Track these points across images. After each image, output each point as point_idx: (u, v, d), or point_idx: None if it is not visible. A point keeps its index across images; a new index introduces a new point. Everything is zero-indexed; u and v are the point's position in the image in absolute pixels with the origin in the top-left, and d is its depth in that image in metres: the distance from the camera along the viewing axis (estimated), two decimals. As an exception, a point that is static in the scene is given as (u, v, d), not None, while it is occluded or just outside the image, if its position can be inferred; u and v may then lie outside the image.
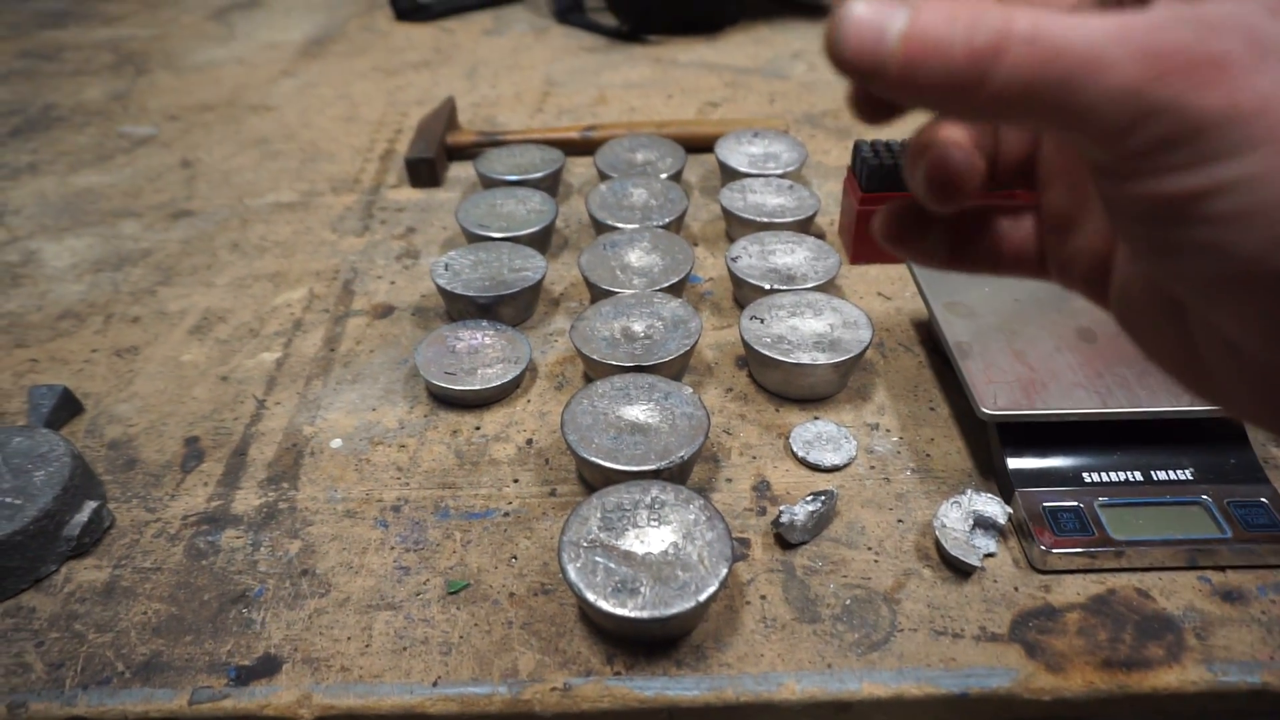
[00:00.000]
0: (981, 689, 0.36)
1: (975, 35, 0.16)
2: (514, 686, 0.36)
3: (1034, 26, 0.16)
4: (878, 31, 0.16)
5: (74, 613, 0.39)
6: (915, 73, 0.16)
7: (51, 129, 0.88)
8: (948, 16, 0.16)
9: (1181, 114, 0.15)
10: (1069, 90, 0.15)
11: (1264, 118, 0.15)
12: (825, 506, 0.42)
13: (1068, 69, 0.15)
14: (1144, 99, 0.15)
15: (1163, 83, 0.15)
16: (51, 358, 0.56)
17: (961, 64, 0.16)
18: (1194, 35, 0.15)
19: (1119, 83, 0.15)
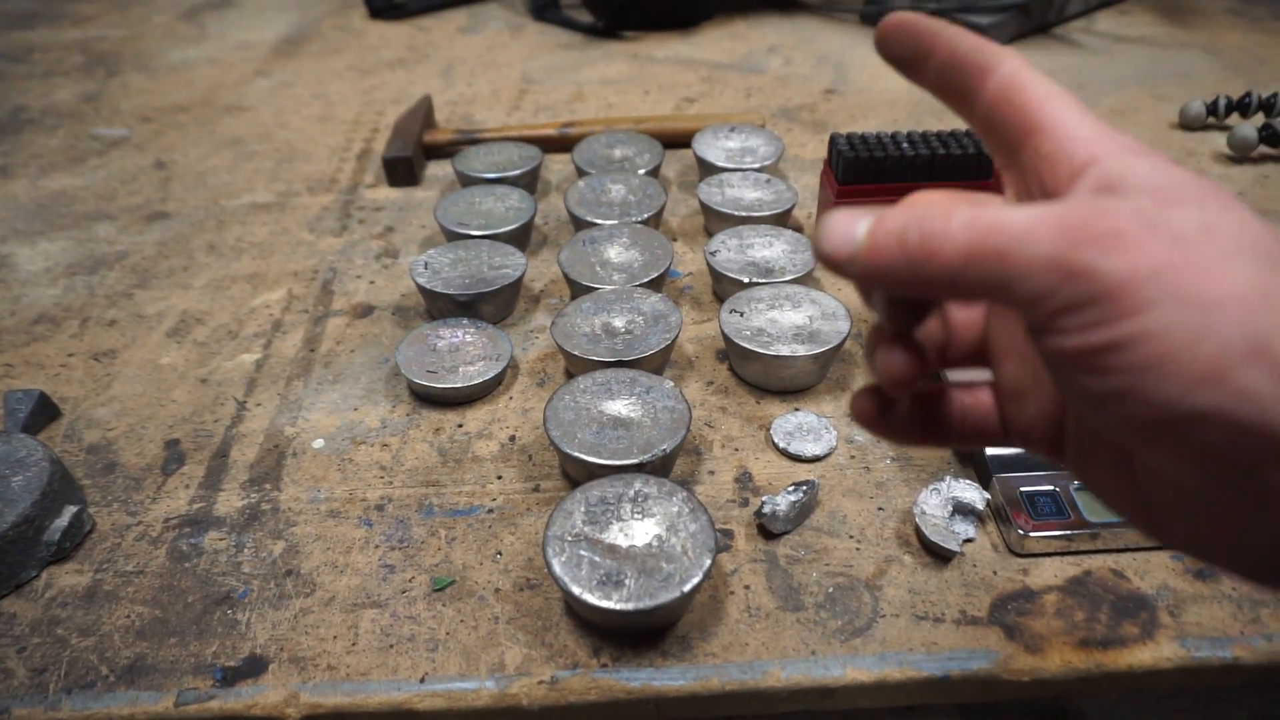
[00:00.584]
0: (962, 671, 0.36)
1: (924, 224, 0.20)
2: (501, 681, 0.36)
3: (973, 214, 0.19)
4: (849, 229, 0.21)
5: (56, 617, 0.39)
6: (878, 257, 0.20)
7: (22, 131, 0.87)
8: (902, 215, 0.20)
9: (1093, 276, 0.18)
10: (1003, 260, 0.19)
11: (1158, 280, 0.17)
12: (807, 496, 0.42)
13: (1001, 243, 0.19)
14: (1063, 264, 0.18)
15: (1077, 250, 0.18)
16: (26, 362, 0.55)
17: (914, 246, 0.20)
18: (1099, 214, 0.18)
19: (1043, 251, 0.18)
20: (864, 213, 0.21)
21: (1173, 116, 0.82)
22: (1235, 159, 0.74)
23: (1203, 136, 0.78)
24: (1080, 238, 0.18)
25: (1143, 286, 0.17)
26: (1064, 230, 0.18)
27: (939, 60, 0.24)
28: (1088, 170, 0.20)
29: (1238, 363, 0.17)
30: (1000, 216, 0.19)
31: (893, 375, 0.24)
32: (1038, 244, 0.18)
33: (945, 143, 0.59)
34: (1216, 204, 0.19)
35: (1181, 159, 0.74)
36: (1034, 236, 0.18)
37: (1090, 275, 0.18)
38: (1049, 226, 0.18)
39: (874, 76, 0.93)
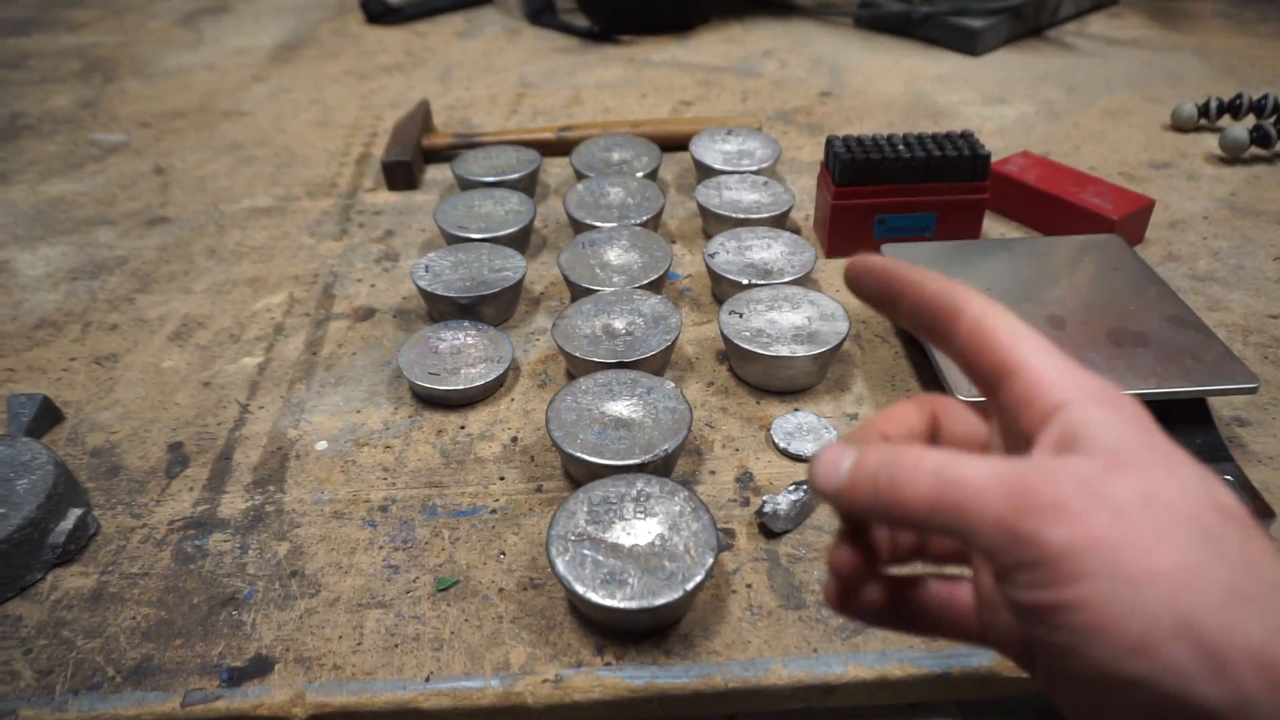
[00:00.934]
0: (962, 668, 0.36)
1: (893, 470, 0.22)
2: (506, 679, 0.36)
3: (939, 464, 0.21)
4: (835, 466, 0.23)
5: (62, 619, 0.39)
6: (856, 495, 0.22)
7: (19, 138, 0.87)
8: (876, 457, 0.22)
9: (1037, 544, 0.19)
10: (960, 514, 0.20)
11: (1095, 553, 0.19)
12: (807, 495, 0.43)
13: (959, 498, 0.20)
14: (1010, 528, 0.19)
15: (1023, 517, 0.19)
16: (29, 367, 0.55)
17: (884, 490, 0.22)
18: (1046, 481, 0.20)
19: (994, 512, 0.20)
20: (849, 450, 0.23)
21: (1165, 118, 0.82)
22: (1227, 160, 0.75)
23: (1194, 138, 0.79)
24: (1026, 505, 0.19)
25: (1081, 557, 0.19)
26: (1012, 495, 0.20)
27: (908, 304, 0.25)
28: (1056, 416, 0.21)
29: (1164, 638, 0.18)
30: (961, 471, 0.21)
31: (838, 567, 0.25)
32: (989, 505, 0.20)
33: (940, 145, 0.60)
34: (1162, 467, 0.20)
35: (1174, 160, 0.75)
36: (987, 497, 0.20)
37: (1034, 542, 0.19)
38: (1001, 489, 0.20)
39: (869, 79, 0.94)
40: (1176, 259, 0.62)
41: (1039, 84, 0.91)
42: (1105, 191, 0.63)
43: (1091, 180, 0.64)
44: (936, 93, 0.90)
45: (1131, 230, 0.62)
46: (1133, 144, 0.78)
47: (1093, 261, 0.54)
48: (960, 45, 0.99)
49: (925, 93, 0.90)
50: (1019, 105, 0.86)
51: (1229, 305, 0.57)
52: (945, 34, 1.00)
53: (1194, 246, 0.63)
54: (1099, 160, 0.75)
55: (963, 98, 0.88)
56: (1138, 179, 0.72)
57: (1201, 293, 0.58)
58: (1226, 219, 0.67)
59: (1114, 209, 0.61)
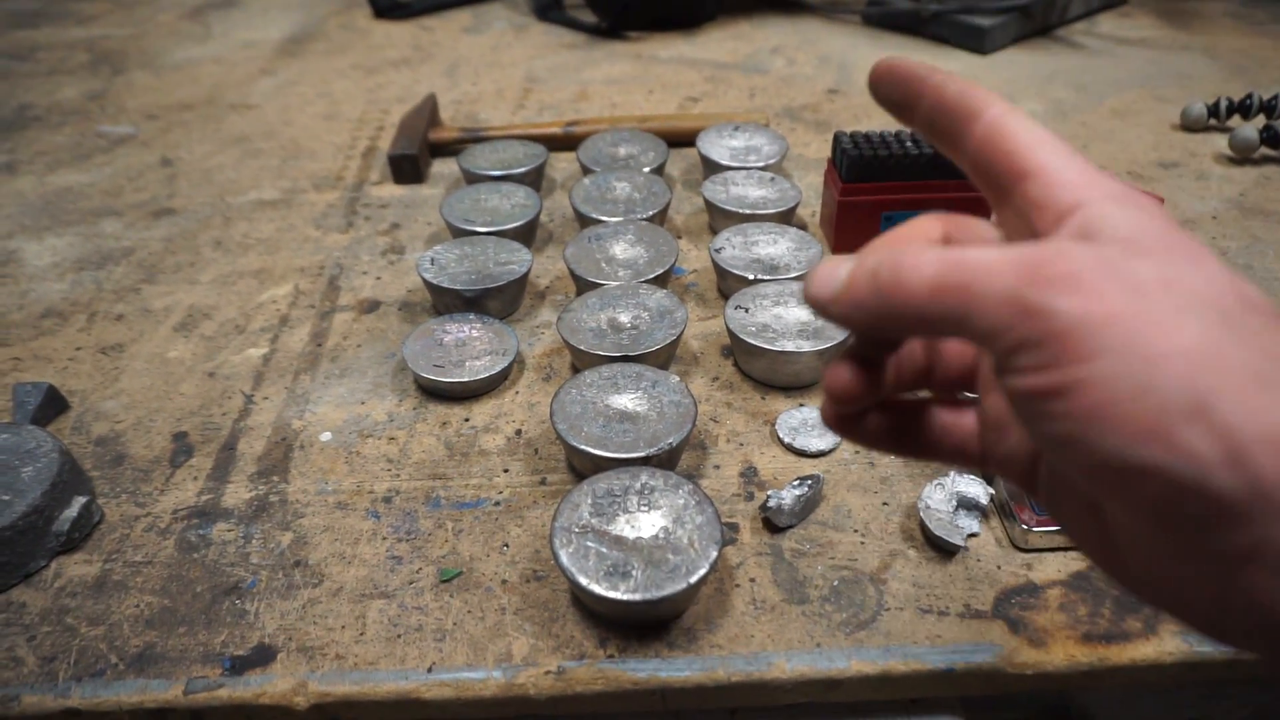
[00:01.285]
0: (966, 664, 0.36)
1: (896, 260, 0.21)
2: (508, 671, 0.36)
3: (944, 251, 0.20)
4: (832, 274, 0.22)
5: (65, 607, 0.39)
6: (855, 294, 0.21)
7: (28, 129, 0.87)
8: (879, 252, 0.22)
9: (1046, 315, 0.18)
10: (964, 293, 0.19)
11: (1109, 329, 0.18)
12: (812, 491, 0.42)
13: (964, 277, 0.19)
14: (1019, 300, 0.18)
15: (1033, 288, 0.18)
16: (35, 356, 0.55)
17: (885, 281, 0.21)
18: (1060, 255, 0.19)
19: (1002, 286, 0.19)
20: (846, 259, 0.22)
21: (1174, 118, 0.82)
22: (1236, 160, 0.75)
23: (1204, 138, 0.79)
24: (1038, 276, 0.18)
25: (1093, 333, 0.18)
26: (1024, 268, 0.19)
27: (927, 105, 0.24)
28: (1072, 215, 0.20)
29: (1179, 421, 0.17)
30: (968, 253, 0.20)
31: (836, 391, 0.25)
32: (997, 279, 0.19)
33: (949, 142, 0.59)
34: (1184, 257, 0.19)
35: (1183, 160, 0.75)
36: (995, 271, 0.19)
37: (1043, 314, 0.18)
38: (1011, 264, 0.19)
39: (877, 77, 0.93)
40: (1185, 258, 0.61)
41: (1047, 83, 0.91)
42: (1114, 190, 0.62)
43: (1100, 179, 0.64)
44: (944, 91, 0.89)
45: (1140, 229, 0.62)
46: (1141, 143, 0.78)
47: (1101, 260, 0.54)
48: (969, 44, 0.99)
49: (933, 91, 0.89)
50: (1027, 104, 0.86)
51: (1237, 305, 0.56)
52: (954, 32, 1.00)
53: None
54: (1107, 159, 0.75)
55: (971, 96, 0.88)
56: (1146, 179, 0.72)
57: (1210, 292, 0.58)
58: (1236, 219, 0.66)
59: (1122, 207, 0.60)
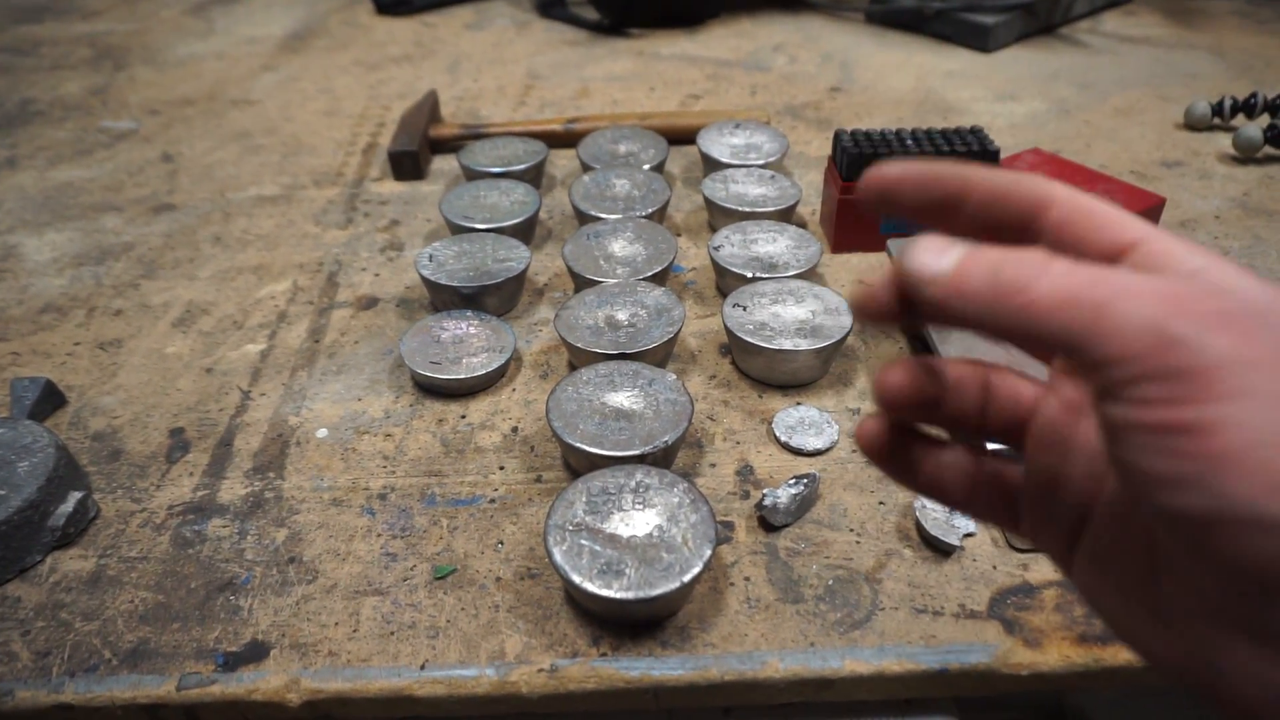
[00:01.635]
0: (961, 664, 0.36)
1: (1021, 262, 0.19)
2: (501, 669, 0.36)
3: (1071, 264, 0.19)
4: (940, 252, 0.20)
5: (60, 602, 0.39)
6: (967, 284, 0.20)
7: (30, 124, 0.87)
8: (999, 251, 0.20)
9: (1190, 350, 0.17)
10: (1098, 310, 0.18)
11: (1255, 371, 0.17)
12: (808, 489, 0.42)
13: (1101, 294, 0.18)
14: (1162, 329, 0.17)
15: (1179, 319, 0.17)
16: (33, 351, 0.55)
17: (1006, 279, 0.19)
18: (1209, 293, 0.18)
19: (1144, 312, 0.17)
20: (959, 242, 0.20)
21: (1178, 117, 0.82)
22: (1240, 159, 0.74)
23: (1208, 137, 0.78)
24: (1187, 309, 0.17)
25: (1239, 373, 0.17)
26: (1170, 297, 0.18)
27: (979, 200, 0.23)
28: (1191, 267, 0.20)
29: None
30: (1106, 271, 0.19)
31: (887, 391, 0.23)
32: (1139, 303, 0.18)
33: (949, 140, 0.59)
34: None
35: (1186, 159, 0.74)
36: (1137, 295, 0.18)
37: (1187, 347, 0.17)
38: (1155, 291, 0.18)
39: (879, 75, 0.93)
40: (1186, 258, 0.61)
41: (1051, 81, 0.90)
42: (1115, 189, 0.62)
43: (1101, 178, 0.64)
44: (947, 89, 0.89)
45: (1141, 228, 0.61)
46: (1145, 142, 0.78)
47: (1101, 259, 0.54)
48: (972, 41, 0.99)
49: (936, 89, 0.89)
50: (1030, 102, 0.86)
51: (1239, 305, 0.56)
52: (957, 30, 1.00)
53: (1205, 246, 0.62)
54: (1110, 158, 0.75)
55: (974, 94, 0.88)
56: (1149, 177, 0.72)
57: (1211, 292, 0.57)
58: (1239, 219, 0.66)
59: (1123, 207, 0.60)
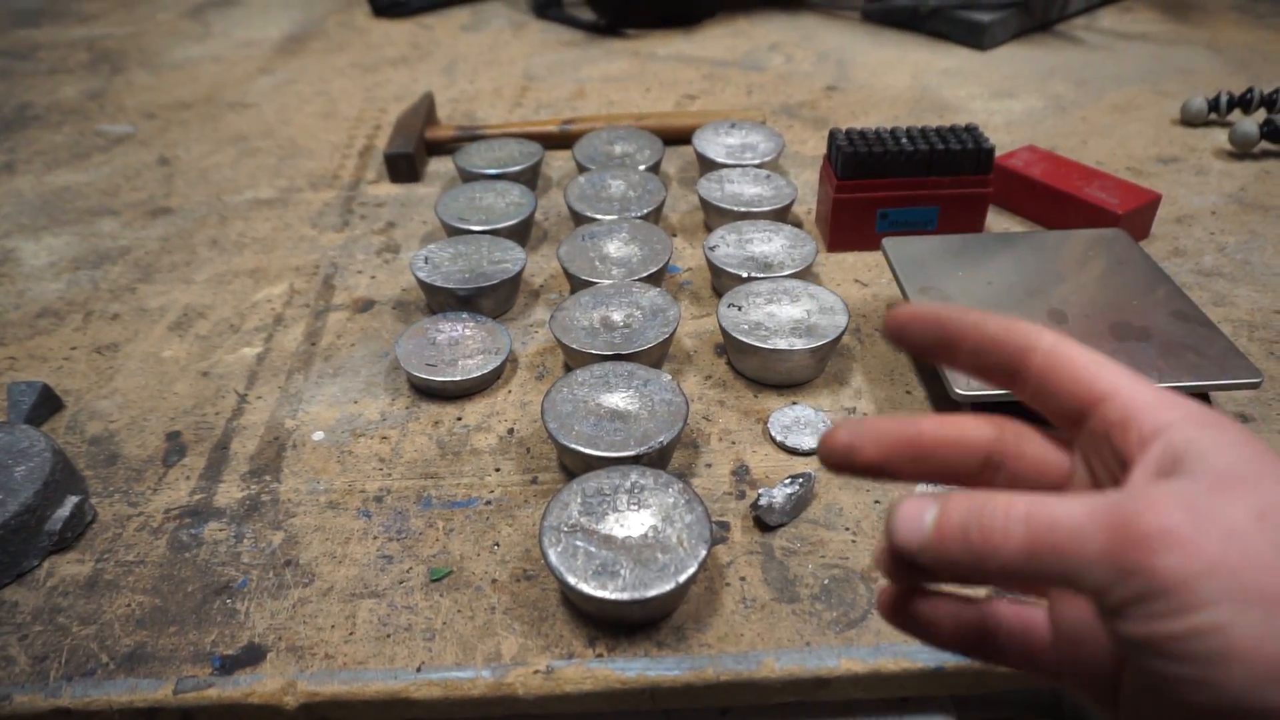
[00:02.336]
0: (956, 662, 0.36)
1: (984, 519, 0.20)
2: (497, 670, 0.36)
3: (1029, 508, 0.20)
4: (918, 520, 0.21)
5: (57, 606, 0.39)
6: (946, 550, 0.21)
7: (27, 128, 0.87)
8: (963, 506, 0.21)
9: (1148, 575, 0.18)
10: (1060, 555, 0.19)
11: (1213, 578, 0.17)
12: (803, 489, 0.42)
13: (1058, 539, 0.19)
14: (1117, 563, 0.18)
15: (1128, 549, 0.18)
16: (30, 355, 0.56)
17: (976, 541, 0.20)
18: (1148, 508, 0.19)
19: (1097, 548, 0.18)
20: (930, 502, 0.21)
21: (1174, 113, 0.82)
22: (1237, 155, 0.74)
23: (1204, 132, 0.78)
24: (1130, 536, 0.18)
25: (1198, 585, 0.17)
26: (1114, 528, 0.18)
27: (970, 345, 0.24)
28: (1156, 439, 0.21)
29: None
30: (1055, 511, 0.19)
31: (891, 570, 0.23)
32: (1091, 541, 0.19)
33: (944, 138, 0.59)
34: (1274, 484, 0.19)
35: (1183, 155, 0.74)
36: (1087, 533, 0.19)
37: (1145, 573, 0.18)
38: (1100, 523, 0.19)
39: (875, 74, 0.93)
40: (1182, 254, 0.61)
41: (1047, 78, 0.90)
42: (1111, 186, 0.62)
43: (1097, 174, 0.64)
44: (943, 87, 0.89)
45: (1137, 225, 0.61)
46: (1141, 138, 0.78)
47: (1097, 256, 0.54)
48: (968, 39, 0.99)
49: (932, 87, 0.89)
50: (1027, 100, 0.86)
51: (1235, 300, 0.56)
52: (953, 28, 1.00)
53: (1201, 241, 0.63)
54: (1106, 155, 0.75)
55: (970, 92, 0.88)
56: (1145, 174, 0.72)
57: (1207, 288, 0.58)
58: (1235, 214, 0.66)
59: (1119, 203, 0.60)
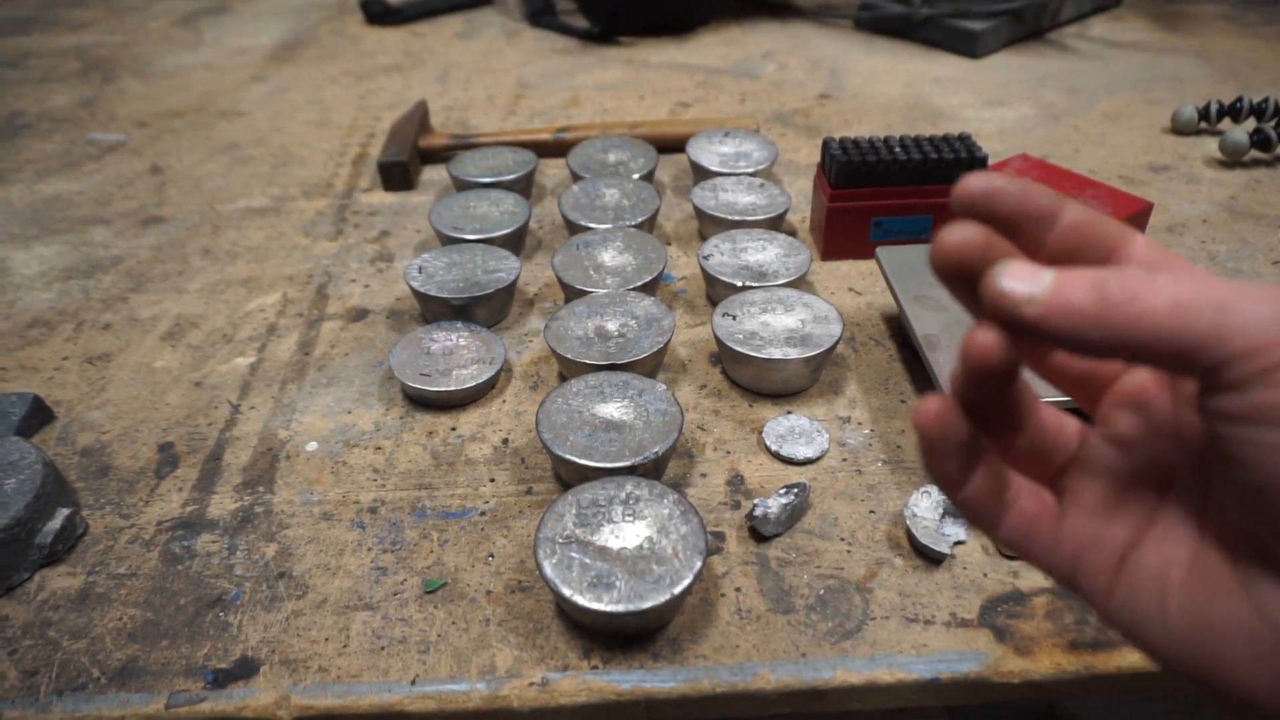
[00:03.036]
0: (953, 674, 0.36)
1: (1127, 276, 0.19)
2: (492, 683, 0.36)
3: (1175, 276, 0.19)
4: (1034, 273, 0.20)
5: (48, 620, 0.39)
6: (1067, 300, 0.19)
7: (18, 137, 0.87)
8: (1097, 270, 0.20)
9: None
10: (1220, 310, 0.18)
11: None
12: (798, 499, 0.42)
13: (1220, 295, 0.18)
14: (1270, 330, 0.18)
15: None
16: (21, 366, 0.55)
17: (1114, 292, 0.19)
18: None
19: (1266, 308, 0.18)
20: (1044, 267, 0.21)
21: (1165, 121, 0.82)
22: (1227, 164, 0.75)
23: (1194, 141, 0.79)
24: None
25: None
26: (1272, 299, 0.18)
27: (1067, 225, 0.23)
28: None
29: None
30: (1210, 277, 0.19)
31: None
32: (1258, 302, 0.18)
33: (938, 146, 0.59)
34: None
35: (1174, 163, 0.75)
36: (1253, 296, 0.18)
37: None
38: (1265, 292, 0.18)
39: (868, 81, 0.94)
40: (1174, 263, 0.61)
41: (1039, 87, 0.91)
42: (1103, 194, 0.62)
43: (1089, 183, 0.64)
44: (936, 95, 0.89)
45: (1129, 233, 0.61)
46: (1132, 147, 0.78)
47: (1089, 265, 0.54)
48: (960, 48, 0.99)
49: (924, 95, 0.90)
50: (1019, 108, 0.86)
51: (1226, 309, 0.56)
52: (945, 36, 1.00)
53: (1192, 250, 0.63)
54: (1098, 163, 0.75)
55: (962, 100, 0.88)
56: (1137, 182, 0.72)
57: (1199, 297, 0.58)
58: (1226, 223, 0.66)
59: (1111, 212, 0.60)
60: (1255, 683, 0.20)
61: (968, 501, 0.24)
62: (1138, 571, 0.23)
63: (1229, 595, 0.21)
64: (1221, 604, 0.21)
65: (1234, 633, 0.20)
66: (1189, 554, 0.22)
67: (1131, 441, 0.24)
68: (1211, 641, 0.21)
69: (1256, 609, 0.20)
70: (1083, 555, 0.24)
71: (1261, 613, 0.20)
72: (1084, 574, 0.24)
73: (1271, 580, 0.20)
